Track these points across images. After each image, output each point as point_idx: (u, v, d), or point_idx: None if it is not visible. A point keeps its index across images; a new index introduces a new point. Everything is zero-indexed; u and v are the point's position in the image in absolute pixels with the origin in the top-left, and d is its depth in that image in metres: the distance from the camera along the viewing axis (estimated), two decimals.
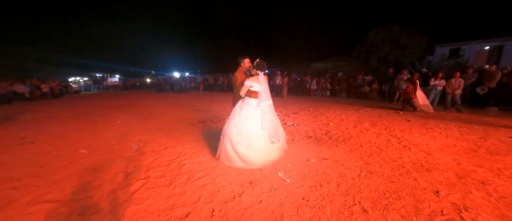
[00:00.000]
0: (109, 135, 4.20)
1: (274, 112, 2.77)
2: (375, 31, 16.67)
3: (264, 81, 2.59)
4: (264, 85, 2.58)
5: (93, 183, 2.21)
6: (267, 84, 2.68)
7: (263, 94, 2.57)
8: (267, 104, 2.63)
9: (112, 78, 23.79)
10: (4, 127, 4.99)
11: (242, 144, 2.56)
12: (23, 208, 1.82)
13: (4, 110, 8.13)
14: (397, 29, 15.58)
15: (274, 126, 2.70)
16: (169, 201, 1.92)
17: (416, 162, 2.74)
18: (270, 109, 2.70)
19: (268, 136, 2.66)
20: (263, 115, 2.61)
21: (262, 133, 2.62)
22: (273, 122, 2.70)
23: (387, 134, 3.93)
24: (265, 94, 2.60)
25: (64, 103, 10.70)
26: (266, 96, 2.61)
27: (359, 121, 4.96)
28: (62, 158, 3.00)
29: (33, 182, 2.28)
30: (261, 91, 2.57)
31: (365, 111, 6.36)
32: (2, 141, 3.89)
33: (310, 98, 11.05)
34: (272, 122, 2.67)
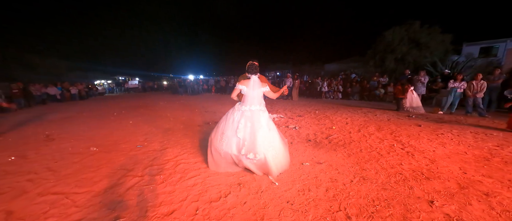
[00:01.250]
0: (120, 134, 4.51)
1: (259, 122, 2.41)
2: (392, 30, 15.89)
3: (254, 85, 2.48)
4: (252, 88, 2.47)
5: (94, 179, 2.42)
6: (259, 88, 2.50)
7: (248, 97, 2.47)
8: (248, 108, 2.45)
9: (132, 81, 25.33)
10: (34, 126, 5.58)
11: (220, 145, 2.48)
12: (33, 198, 2.06)
13: (38, 110, 9.06)
14: (417, 28, 14.69)
15: (249, 137, 2.37)
16: (158, 198, 2.04)
17: (416, 169, 2.60)
18: (254, 116, 2.42)
19: (237, 145, 2.40)
20: (243, 121, 2.42)
21: (234, 139, 2.41)
22: (249, 133, 2.38)
23: (391, 139, 3.75)
24: (252, 98, 2.46)
25: (88, 104, 11.62)
26: (251, 101, 2.46)
27: (364, 125, 4.78)
28: (75, 154, 3.30)
29: (46, 176, 2.55)
30: (247, 95, 2.48)
31: (374, 114, 6.10)
32: (31, 138, 4.37)
33: (320, 101, 10.83)
34: (248, 131, 2.38)
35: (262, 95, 2.60)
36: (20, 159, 3.15)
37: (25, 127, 5.42)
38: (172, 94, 16.73)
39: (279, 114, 6.15)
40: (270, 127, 2.53)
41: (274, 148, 2.44)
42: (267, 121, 2.55)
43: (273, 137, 2.49)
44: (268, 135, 2.44)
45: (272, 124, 2.62)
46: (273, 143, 2.45)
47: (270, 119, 2.63)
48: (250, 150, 2.35)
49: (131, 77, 27.19)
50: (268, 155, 2.35)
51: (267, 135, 2.42)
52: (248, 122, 2.40)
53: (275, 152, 2.44)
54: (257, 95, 2.50)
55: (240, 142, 2.39)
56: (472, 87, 5.75)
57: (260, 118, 2.44)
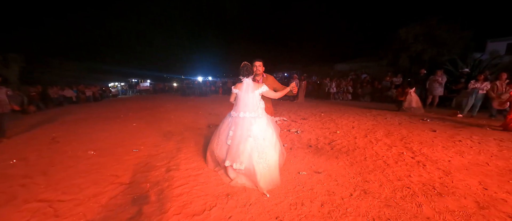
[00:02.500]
0: (121, 137, 4.54)
1: (248, 130, 2.22)
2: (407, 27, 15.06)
3: (247, 88, 2.30)
4: (245, 92, 2.29)
5: (82, 186, 2.38)
6: (253, 92, 2.29)
7: (241, 102, 2.30)
8: (238, 114, 2.28)
9: (144, 83, 26.14)
10: (44, 127, 5.80)
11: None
12: (19, 205, 2.04)
13: (54, 112, 9.50)
14: (434, 24, 13.80)
15: (235, 146, 2.23)
16: (140, 210, 1.94)
17: (427, 183, 2.31)
18: (245, 124, 2.23)
19: (226, 152, 2.29)
20: (233, 128, 2.30)
21: (225, 147, 2.35)
22: (236, 142, 2.22)
23: (401, 146, 3.43)
24: (244, 103, 2.28)
25: (100, 106, 12.05)
26: (243, 106, 2.27)
27: (372, 130, 4.45)
28: (72, 158, 3.32)
29: (39, 181, 2.55)
30: (240, 99, 2.31)
31: (384, 117, 5.71)
32: (36, 140, 4.51)
33: (328, 102, 10.46)
34: (236, 141, 2.23)
35: (259, 98, 2.36)
36: (21, 161, 3.22)
37: (37, 129, 5.64)
38: (181, 96, 17.00)
39: (282, 117, 5.95)
40: (266, 136, 2.27)
41: (266, 161, 2.19)
42: (263, 129, 2.28)
43: (267, 148, 2.23)
44: (260, 145, 2.21)
45: (270, 132, 2.33)
46: (265, 156, 2.20)
47: (269, 126, 2.36)
48: (233, 159, 2.19)
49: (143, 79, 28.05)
50: (258, 168, 2.14)
51: (257, 146, 2.19)
52: (238, 129, 2.22)
53: (267, 165, 2.20)
54: (251, 99, 2.27)
55: (229, 150, 2.27)
56: (495, 88, 5.20)
57: (251, 126, 2.22)
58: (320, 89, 13.22)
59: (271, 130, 2.35)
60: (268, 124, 2.37)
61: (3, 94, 4.33)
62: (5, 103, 4.31)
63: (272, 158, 2.25)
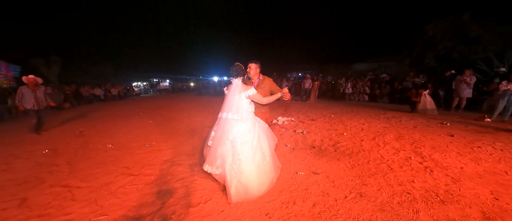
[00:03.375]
0: (137, 133, 4.91)
1: (229, 133, 2.11)
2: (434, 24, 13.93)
3: (234, 89, 2.18)
4: (232, 93, 2.18)
5: (97, 175, 2.67)
6: (239, 93, 2.15)
7: (226, 103, 2.20)
8: (221, 115, 2.22)
9: (164, 83, 27.58)
10: (74, 122, 6.47)
11: None
12: (45, 189, 2.36)
13: (84, 108, 10.50)
14: (466, 20, 12.60)
15: (213, 148, 2.18)
16: (143, 199, 2.14)
17: (430, 189, 2.19)
18: (226, 126, 2.14)
19: (205, 151, 2.29)
20: (215, 128, 2.27)
21: (207, 147, 2.34)
22: (215, 143, 2.18)
23: (410, 151, 3.25)
24: (229, 104, 2.17)
25: (124, 104, 13.02)
26: (228, 107, 2.17)
27: (382, 132, 4.26)
28: (93, 150, 3.70)
29: (63, 169, 2.91)
30: (225, 99, 2.23)
31: (399, 120, 5.41)
32: (67, 133, 5.08)
33: (342, 104, 10.12)
34: (214, 141, 2.20)
35: (246, 101, 2.17)
36: (51, 152, 3.68)
37: (68, 124, 6.32)
38: (196, 95, 17.65)
39: (290, 118, 5.92)
40: (245, 140, 2.08)
41: (239, 167, 2.03)
42: (242, 133, 2.10)
43: (244, 154, 2.05)
44: (236, 150, 2.06)
45: (251, 137, 2.12)
46: (239, 162, 2.03)
47: (251, 131, 2.14)
48: (211, 162, 2.14)
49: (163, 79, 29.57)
50: (229, 174, 2.02)
51: (234, 150, 2.06)
52: (219, 131, 2.17)
53: (239, 172, 2.03)
54: (236, 101, 2.14)
55: (209, 152, 2.24)
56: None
57: (231, 129, 2.09)
58: (335, 89, 12.82)
59: (252, 135, 2.13)
60: (251, 129, 2.15)
61: (42, 93, 4.94)
62: (42, 101, 4.91)
63: (249, 167, 2.05)
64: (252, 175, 2.06)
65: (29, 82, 4.73)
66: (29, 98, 4.70)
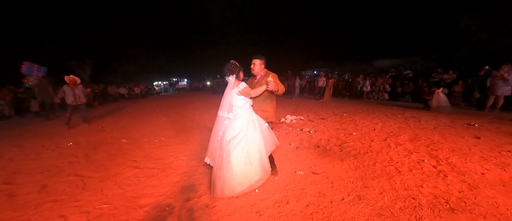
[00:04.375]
0: (150, 129, 5.21)
1: (219, 130, 2.22)
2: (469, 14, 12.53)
3: (229, 87, 2.21)
4: (226, 91, 2.22)
5: (108, 166, 2.89)
6: (230, 91, 2.19)
7: (222, 101, 2.24)
8: (219, 112, 2.27)
9: (182, 82, 28.76)
10: (98, 118, 7.06)
11: None
12: (63, 177, 2.62)
13: (110, 106, 11.40)
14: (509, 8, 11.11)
15: (210, 143, 2.32)
16: (143, 190, 2.26)
17: (440, 195, 1.99)
18: (218, 123, 2.24)
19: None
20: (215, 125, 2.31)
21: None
22: (211, 138, 2.29)
23: (424, 153, 2.98)
24: (223, 103, 2.22)
25: (145, 102, 13.86)
26: (222, 105, 2.22)
27: (396, 133, 3.96)
28: (109, 144, 4.01)
29: (81, 160, 3.20)
30: (222, 97, 2.26)
31: (418, 120, 4.98)
32: (90, 128, 5.56)
33: (358, 102, 9.62)
34: (211, 137, 2.31)
35: (238, 97, 2.17)
36: (74, 144, 4.06)
37: (94, 119, 6.91)
38: (212, 94, 18.11)
39: (300, 116, 5.79)
40: (231, 137, 2.08)
41: (221, 164, 2.05)
42: (232, 131, 2.11)
43: (227, 152, 2.05)
44: (222, 147, 2.09)
45: (239, 137, 2.08)
46: (221, 159, 2.07)
47: (241, 130, 2.11)
48: (208, 155, 2.30)
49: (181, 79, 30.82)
50: (214, 169, 2.13)
51: (220, 146, 2.12)
52: (214, 127, 2.27)
53: (220, 167, 2.06)
54: (229, 99, 2.19)
55: (208, 147, 2.37)
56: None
57: (222, 126, 2.18)
58: (351, 87, 12.23)
59: (240, 134, 2.10)
60: (239, 128, 2.12)
61: (80, 90, 5.50)
62: (80, 97, 5.47)
63: (226, 165, 2.04)
64: (230, 174, 2.03)
65: (69, 81, 5.31)
66: (69, 95, 5.30)
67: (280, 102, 10.07)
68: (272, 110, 2.53)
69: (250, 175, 2.11)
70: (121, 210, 1.94)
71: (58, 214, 1.90)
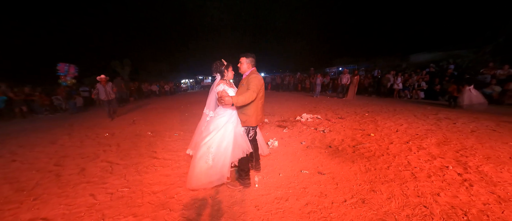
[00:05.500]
0: (172, 123, 5.65)
1: (201, 126, 2.36)
2: None
3: (213, 86, 2.31)
4: (211, 89, 2.35)
5: (132, 155, 3.27)
6: (214, 91, 2.27)
7: (207, 99, 2.39)
8: (204, 110, 2.41)
9: (206, 80, 30.09)
10: (132, 113, 7.91)
11: None
12: (97, 163, 3.07)
13: (143, 102, 12.61)
14: None
15: (194, 136, 2.49)
16: (157, 178, 2.53)
17: (459, 206, 1.79)
18: (202, 120, 2.43)
19: None
20: None
21: None
22: (195, 132, 2.49)
23: (450, 159, 2.66)
24: (208, 100, 2.38)
25: (172, 98, 14.93)
26: (207, 103, 2.39)
27: (421, 136, 3.59)
28: (137, 136, 4.49)
29: (113, 149, 3.67)
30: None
31: (453, 123, 4.40)
32: (124, 121, 6.28)
33: (386, 101, 8.88)
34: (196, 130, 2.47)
35: (216, 97, 2.18)
36: (110, 135, 4.66)
37: (128, 114, 7.77)
38: None
39: (317, 115, 5.63)
40: (204, 132, 2.19)
41: (193, 160, 2.18)
42: (208, 130, 2.17)
43: (200, 148, 2.13)
44: (198, 144, 2.19)
45: (210, 136, 2.13)
46: (194, 155, 2.18)
47: (213, 129, 2.15)
48: (190, 146, 2.50)
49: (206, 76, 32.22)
50: (191, 161, 2.24)
51: (197, 141, 2.26)
52: (200, 123, 2.45)
53: (192, 160, 2.19)
54: (211, 97, 2.32)
55: None
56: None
57: (203, 123, 2.34)
58: (380, 85, 11.30)
59: (211, 132, 2.15)
60: (213, 126, 2.16)
61: (109, 87, 6.28)
62: (111, 93, 6.26)
63: (194, 159, 2.16)
64: (193, 168, 2.14)
65: (101, 80, 6.09)
66: (102, 92, 6.11)
67: (299, 100, 9.87)
68: (254, 115, 2.18)
69: (206, 174, 2.12)
70: (138, 194, 2.21)
71: (89, 193, 2.26)
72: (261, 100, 2.21)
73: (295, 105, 8.07)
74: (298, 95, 12.49)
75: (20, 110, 8.04)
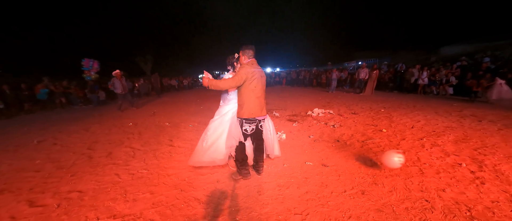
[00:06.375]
0: (188, 115, 6.00)
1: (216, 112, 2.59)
2: None
3: None
4: None
5: (151, 142, 3.61)
6: None
7: None
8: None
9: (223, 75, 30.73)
10: (152, 105, 8.49)
11: None
12: (122, 148, 3.44)
13: (163, 95, 13.37)
14: None
15: None
16: (172, 163, 2.79)
17: (464, 202, 1.75)
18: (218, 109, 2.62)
19: None
20: None
21: None
22: None
23: (465, 156, 2.53)
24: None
25: (190, 92, 15.56)
26: (222, 97, 2.62)
27: (439, 133, 3.41)
28: (156, 126, 4.88)
29: (136, 137, 4.06)
30: None
31: (478, 120, 4.07)
32: (146, 112, 6.80)
33: (408, 97, 8.37)
34: None
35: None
36: (133, 125, 5.12)
37: (149, 106, 8.37)
38: None
39: (329, 110, 5.55)
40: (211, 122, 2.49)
41: (199, 139, 2.55)
42: (214, 116, 2.51)
43: (205, 130, 2.51)
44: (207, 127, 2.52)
45: (210, 124, 2.47)
46: (201, 136, 2.54)
47: (218, 116, 2.45)
48: None
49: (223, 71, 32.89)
50: None
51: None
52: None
53: (198, 141, 2.56)
54: None
55: None
56: None
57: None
58: (403, 80, 10.61)
59: (216, 118, 2.47)
60: (220, 113, 2.45)
61: (125, 82, 6.87)
62: (126, 87, 6.86)
63: (199, 140, 2.56)
64: (197, 147, 2.53)
65: (116, 74, 6.70)
66: (118, 86, 6.70)
67: (313, 95, 9.72)
68: (245, 106, 2.17)
69: (201, 154, 2.44)
70: (155, 175, 2.49)
71: (114, 172, 2.59)
72: (253, 92, 2.13)
73: (308, 100, 7.99)
74: (313, 90, 12.28)
75: (60, 101, 9.07)
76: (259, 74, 2.19)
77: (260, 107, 2.22)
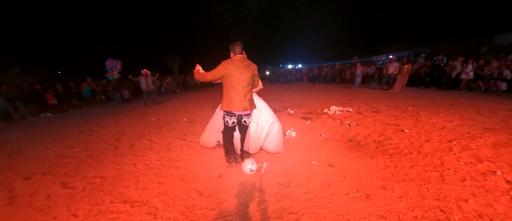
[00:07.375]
0: (205, 112, 6.26)
1: None
2: None
3: None
4: None
5: (168, 136, 3.87)
6: None
7: None
8: None
9: None
10: (175, 101, 9.07)
11: None
12: (142, 141, 3.78)
13: (188, 93, 14.16)
14: None
15: None
16: (182, 156, 2.96)
17: (488, 215, 1.52)
18: None
19: None
20: None
21: None
22: None
23: (504, 164, 2.14)
24: None
25: (211, 90, 16.20)
26: None
27: (473, 136, 2.94)
28: (176, 121, 5.22)
29: (155, 131, 4.41)
30: None
31: None
32: (168, 108, 7.30)
33: (447, 93, 7.39)
34: None
35: None
36: (156, 120, 5.56)
37: (172, 102, 8.96)
38: (269, 83, 18.67)
39: (348, 108, 5.22)
40: None
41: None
42: None
43: None
44: None
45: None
46: None
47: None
48: None
49: None
50: None
51: None
52: None
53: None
54: None
55: None
56: None
57: None
58: (441, 74, 9.37)
59: (216, 113, 3.00)
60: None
61: (150, 80, 7.45)
62: (150, 85, 7.45)
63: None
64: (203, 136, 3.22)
65: (143, 73, 7.33)
66: (143, 83, 7.36)
67: (334, 92, 9.23)
68: (224, 100, 2.37)
69: (202, 137, 3.22)
70: (166, 166, 2.68)
71: (132, 162, 2.86)
72: (231, 87, 2.25)
73: (328, 97, 7.64)
74: (335, 87, 11.66)
75: (100, 98, 10.30)
76: (238, 71, 2.23)
77: (239, 103, 2.28)
